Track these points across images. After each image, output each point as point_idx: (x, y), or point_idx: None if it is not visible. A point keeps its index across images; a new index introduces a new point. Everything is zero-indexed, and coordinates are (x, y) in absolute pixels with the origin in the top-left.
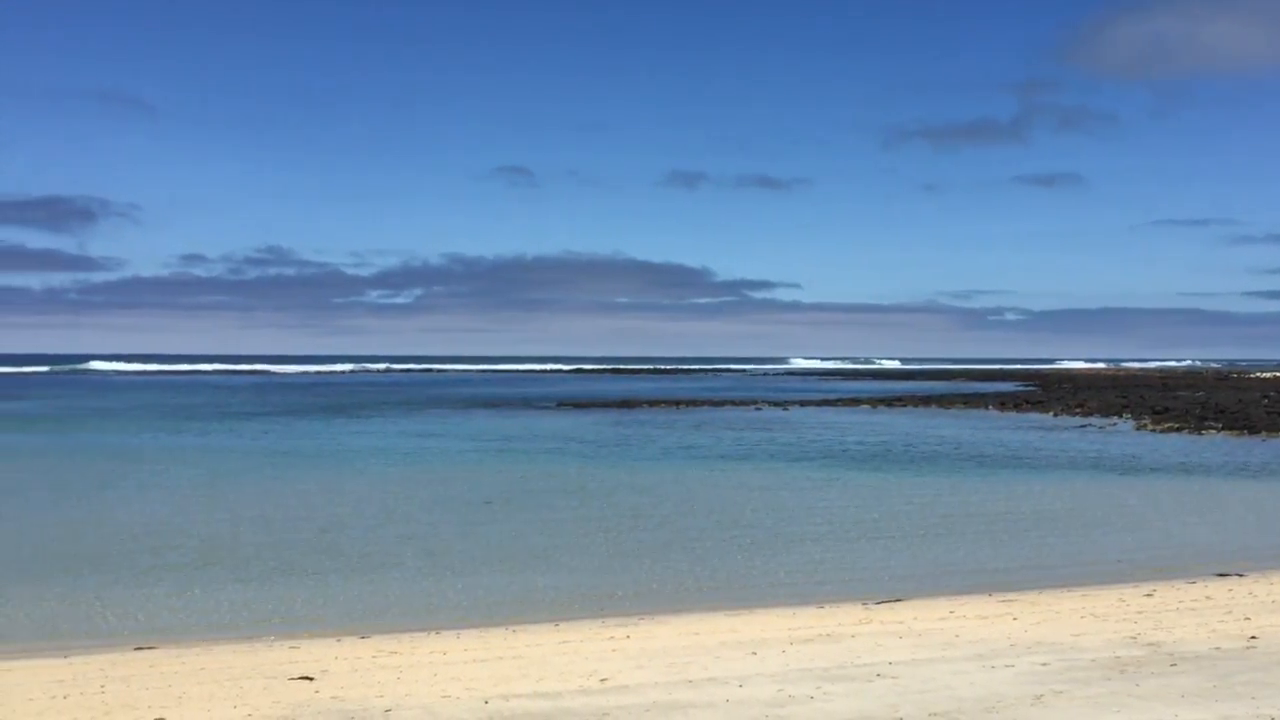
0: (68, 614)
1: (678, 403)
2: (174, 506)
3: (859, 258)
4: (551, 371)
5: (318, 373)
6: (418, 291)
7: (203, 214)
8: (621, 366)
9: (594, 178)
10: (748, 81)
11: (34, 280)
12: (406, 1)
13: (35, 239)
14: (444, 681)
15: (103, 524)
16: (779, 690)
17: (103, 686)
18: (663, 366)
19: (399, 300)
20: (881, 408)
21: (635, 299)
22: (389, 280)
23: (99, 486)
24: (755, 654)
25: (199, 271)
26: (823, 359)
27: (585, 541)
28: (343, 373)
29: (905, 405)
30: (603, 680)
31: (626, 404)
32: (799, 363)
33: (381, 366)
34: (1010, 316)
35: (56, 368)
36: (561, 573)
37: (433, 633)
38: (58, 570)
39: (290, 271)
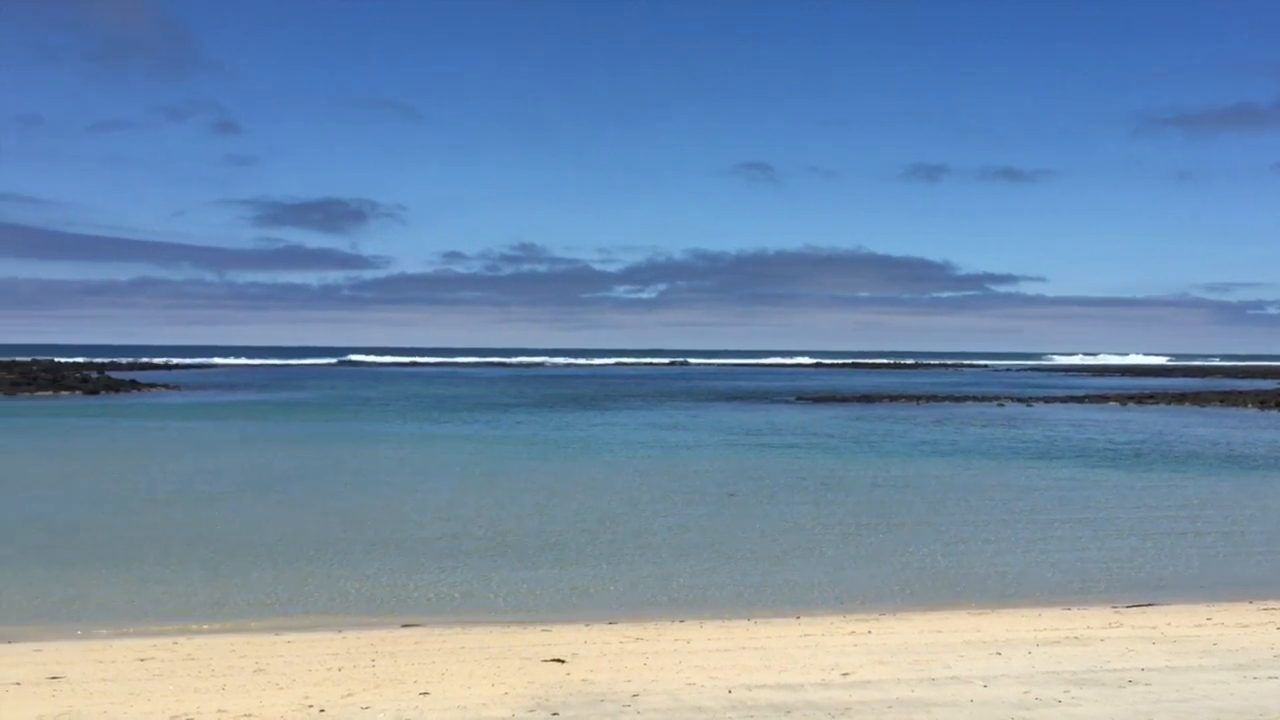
0: (343, 592)
1: (918, 398)
2: (442, 493)
3: (1108, 250)
4: (792, 365)
5: (568, 365)
6: (662, 286)
7: (462, 213)
8: (862, 360)
9: (834, 172)
10: (991, 72)
11: (312, 278)
12: (649, 4)
13: (313, 239)
14: (688, 669)
15: (378, 508)
16: (1025, 692)
17: (373, 661)
18: (903, 361)
19: (644, 295)
20: (1131, 405)
21: (876, 293)
22: (635, 275)
23: (374, 472)
24: (1000, 654)
25: (458, 268)
26: (1069, 354)
27: (826, 535)
28: (595, 366)
29: (1157, 402)
30: (844, 674)
31: (867, 398)
32: (1047, 358)
33: (641, 361)
34: (1272, 310)
35: (342, 360)
36: (803, 566)
37: (677, 621)
38: (335, 550)
39: (542, 268)
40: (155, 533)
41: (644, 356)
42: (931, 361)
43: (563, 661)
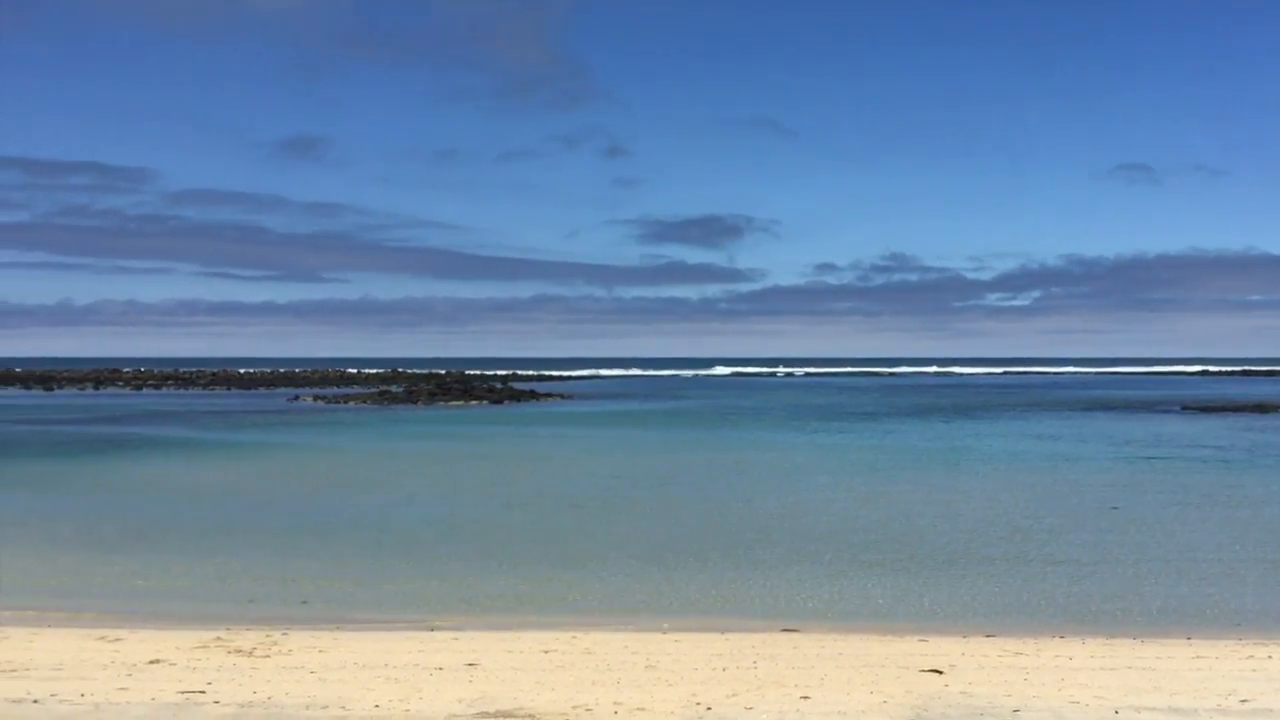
0: (726, 594)
1: None
2: (818, 500)
3: None
4: (1175, 373)
5: (940, 373)
6: (1036, 293)
7: (834, 226)
8: (1253, 368)
9: (1222, 170)
10: None
11: (692, 291)
12: (1013, 6)
13: (693, 254)
14: (1071, 687)
15: (758, 513)
16: None
17: (755, 663)
18: None
19: (1017, 303)
20: None
21: (1270, 296)
22: (1007, 283)
23: (754, 478)
24: None
25: (830, 280)
26: None
27: (1219, 553)
28: (967, 374)
29: None
30: (1243, 701)
31: (1261, 407)
32: None
33: (1015, 370)
34: None
35: (734, 371)
36: (1193, 584)
37: (1057, 637)
38: (718, 553)
39: (913, 277)
40: (555, 532)
41: (1018, 365)
42: None
43: (940, 672)
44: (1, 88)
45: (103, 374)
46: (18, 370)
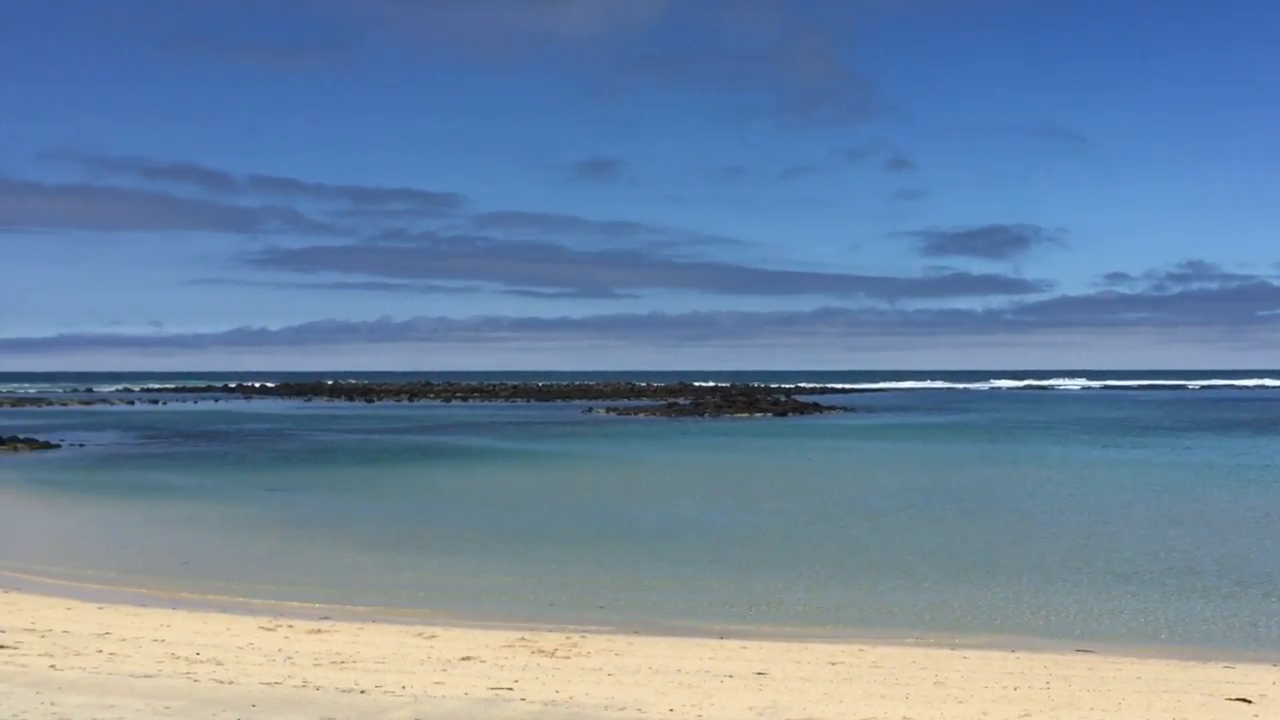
0: (1014, 611)
1: None
2: (1114, 517)
3: None
4: None
5: (1254, 386)
6: None
7: (1126, 234)
8: None
9: None
10: None
11: (976, 303)
12: None
13: (977, 265)
14: None
15: (1048, 530)
16: None
17: (1047, 683)
18: None
19: None
20: None
21: None
22: None
23: (1045, 494)
24: None
25: (1122, 289)
26: None
27: None
28: (1275, 387)
29: None
30: None
31: None
32: None
33: None
34: None
35: (1029, 384)
36: None
37: None
38: (1006, 570)
39: (1212, 285)
40: (846, 544)
41: None
42: None
43: (1249, 701)
44: (333, 126)
45: (416, 386)
46: (343, 383)
